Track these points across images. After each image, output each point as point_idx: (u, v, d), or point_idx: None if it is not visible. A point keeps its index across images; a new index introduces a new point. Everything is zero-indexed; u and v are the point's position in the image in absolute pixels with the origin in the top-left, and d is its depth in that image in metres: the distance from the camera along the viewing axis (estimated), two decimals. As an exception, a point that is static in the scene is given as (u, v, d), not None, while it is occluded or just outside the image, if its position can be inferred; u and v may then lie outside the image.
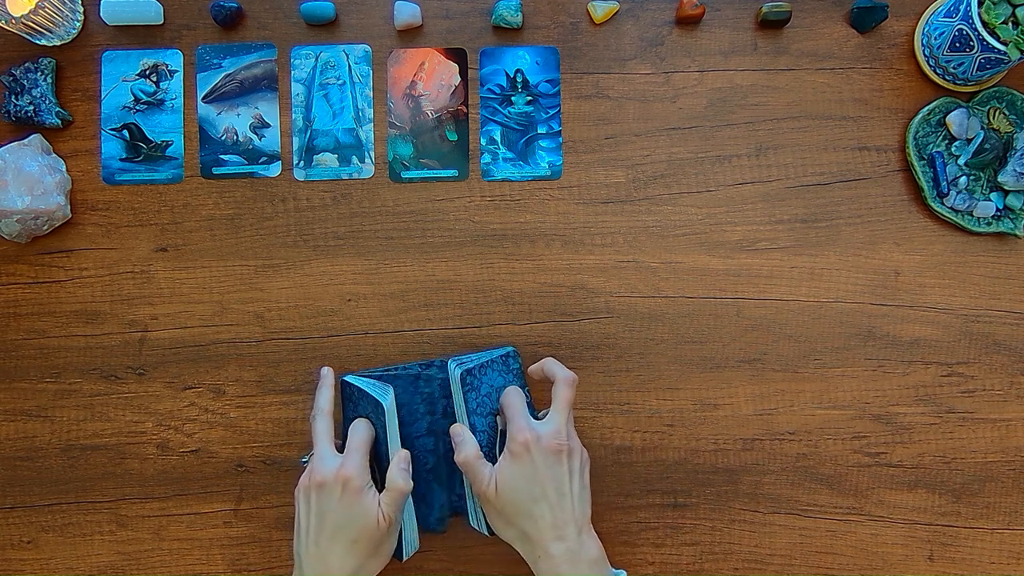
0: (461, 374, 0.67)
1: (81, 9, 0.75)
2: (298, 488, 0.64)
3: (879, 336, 0.75)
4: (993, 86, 0.75)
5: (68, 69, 0.75)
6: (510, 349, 0.70)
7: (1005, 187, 0.74)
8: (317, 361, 0.75)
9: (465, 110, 0.76)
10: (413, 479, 0.65)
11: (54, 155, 0.75)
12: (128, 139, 0.75)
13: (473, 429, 0.67)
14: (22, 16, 0.69)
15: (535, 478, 0.62)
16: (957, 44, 0.70)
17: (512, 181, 0.75)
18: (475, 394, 0.67)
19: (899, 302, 0.75)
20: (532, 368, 0.69)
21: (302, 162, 0.75)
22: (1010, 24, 0.68)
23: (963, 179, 0.74)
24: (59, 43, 0.75)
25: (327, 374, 0.68)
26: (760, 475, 0.75)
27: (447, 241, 0.75)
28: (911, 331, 0.75)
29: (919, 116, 0.74)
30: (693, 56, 0.76)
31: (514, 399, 0.66)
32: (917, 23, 0.76)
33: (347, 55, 0.76)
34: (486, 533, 0.68)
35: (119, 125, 0.75)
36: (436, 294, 0.75)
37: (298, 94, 0.76)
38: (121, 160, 0.75)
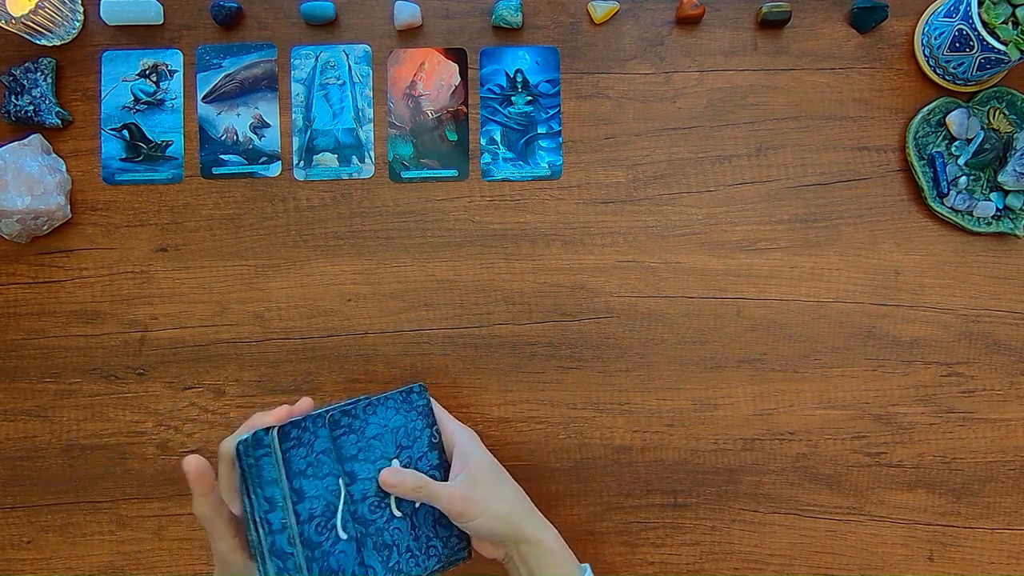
0: (331, 416, 0.60)
1: (81, 9, 0.75)
2: None
3: (879, 336, 0.75)
4: (993, 86, 0.75)
5: (68, 69, 0.75)
6: (414, 385, 0.66)
7: (1005, 187, 0.74)
8: (317, 361, 0.75)
9: (465, 110, 0.76)
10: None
11: (54, 155, 0.75)
12: (128, 139, 0.75)
13: (353, 477, 0.60)
14: (22, 16, 0.69)
15: (496, 464, 0.66)
16: (957, 44, 0.70)
17: (512, 181, 0.75)
18: (355, 437, 0.61)
19: (899, 302, 0.75)
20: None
21: (302, 162, 0.75)
22: (1010, 24, 0.68)
23: (963, 179, 0.74)
24: (59, 43, 0.75)
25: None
26: (760, 475, 0.75)
27: (447, 241, 0.75)
28: (911, 331, 0.75)
29: (919, 116, 0.74)
30: (693, 56, 0.76)
31: (439, 409, 0.68)
32: (917, 23, 0.76)
33: (347, 55, 0.76)
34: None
35: (119, 125, 0.75)
36: (436, 294, 0.75)
37: (298, 94, 0.76)
38: (121, 160, 0.75)
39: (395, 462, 0.63)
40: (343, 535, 0.59)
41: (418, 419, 0.65)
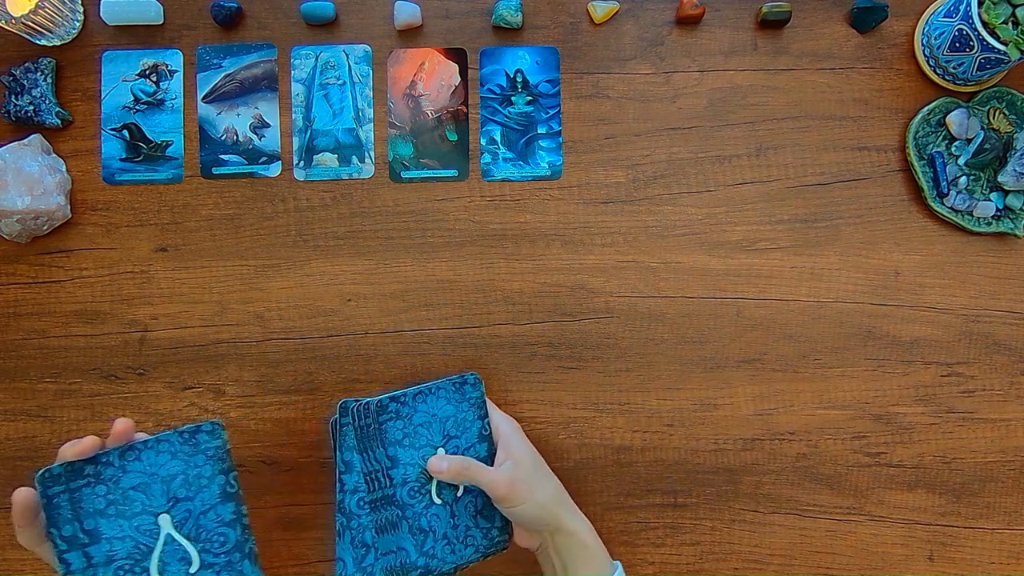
0: (379, 402, 0.64)
1: (81, 9, 0.75)
2: None
3: (879, 336, 0.75)
4: (993, 86, 0.75)
5: (68, 69, 0.75)
6: (468, 375, 0.67)
7: (1005, 187, 0.74)
8: (317, 361, 0.75)
9: (465, 110, 0.76)
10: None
11: (54, 155, 0.75)
12: (128, 139, 0.75)
13: (395, 462, 0.64)
14: (22, 16, 0.69)
15: (538, 455, 0.67)
16: (957, 44, 0.70)
17: (512, 181, 0.75)
18: (402, 423, 0.64)
19: (899, 302, 0.75)
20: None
21: (302, 162, 0.75)
22: (1010, 24, 0.68)
23: (963, 179, 0.74)
24: (59, 43, 0.75)
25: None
26: (760, 475, 0.75)
27: (447, 241, 0.75)
28: (911, 331, 0.75)
29: (919, 116, 0.74)
30: (693, 56, 0.76)
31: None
32: (917, 23, 0.76)
33: (347, 55, 0.76)
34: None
35: (119, 125, 0.75)
36: (436, 294, 0.75)
37: (298, 94, 0.76)
38: (121, 160, 0.75)
39: (440, 450, 0.65)
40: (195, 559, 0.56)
41: (470, 410, 0.67)
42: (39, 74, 0.73)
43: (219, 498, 0.57)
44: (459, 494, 0.67)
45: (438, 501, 0.65)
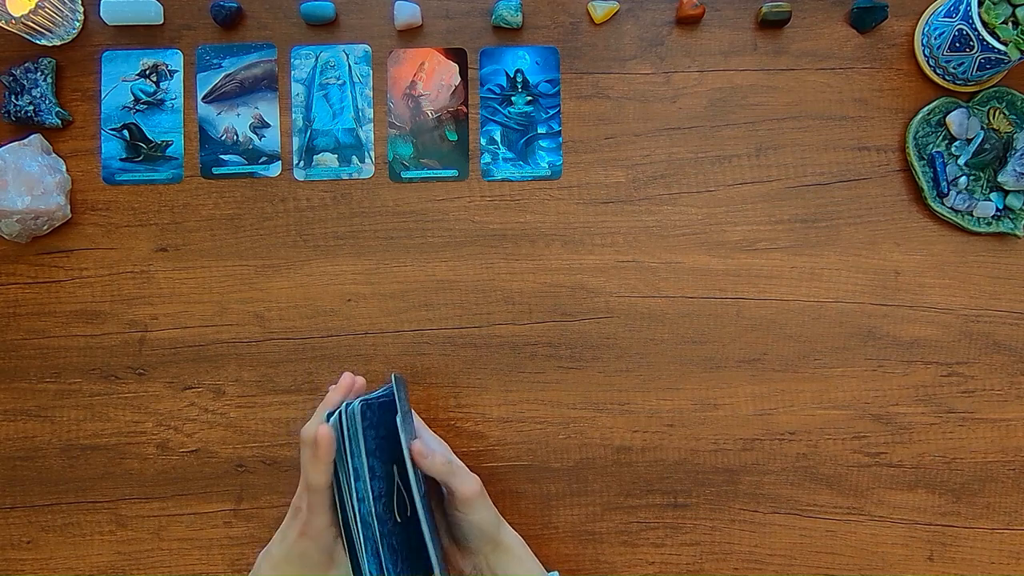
0: (361, 407, 0.58)
1: (81, 9, 0.75)
2: None
3: (879, 336, 0.75)
4: (993, 86, 0.75)
5: (68, 69, 0.75)
6: (394, 376, 0.63)
7: (1005, 187, 0.74)
8: (317, 361, 0.75)
9: (465, 110, 0.76)
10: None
11: (54, 155, 0.75)
12: (128, 139, 0.75)
13: (372, 474, 0.58)
14: (22, 16, 0.69)
15: None
16: (957, 44, 0.70)
17: (512, 181, 0.75)
18: (374, 432, 0.59)
19: (899, 302, 0.75)
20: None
21: (302, 162, 0.75)
22: (1010, 24, 0.68)
23: (963, 179, 0.74)
24: (59, 43, 0.75)
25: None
26: (760, 475, 0.75)
27: (447, 241, 0.75)
28: (911, 331, 0.75)
29: (919, 116, 0.74)
30: (693, 56, 0.76)
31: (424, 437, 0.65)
32: (917, 23, 0.76)
33: (347, 55, 0.76)
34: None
35: (119, 125, 0.75)
36: (436, 294, 0.75)
37: (298, 94, 0.76)
38: (121, 160, 0.75)
39: (396, 467, 0.61)
40: (399, 519, 0.60)
41: (404, 408, 0.62)
42: (39, 74, 0.73)
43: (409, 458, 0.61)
44: (408, 513, 0.61)
45: (399, 519, 0.60)
